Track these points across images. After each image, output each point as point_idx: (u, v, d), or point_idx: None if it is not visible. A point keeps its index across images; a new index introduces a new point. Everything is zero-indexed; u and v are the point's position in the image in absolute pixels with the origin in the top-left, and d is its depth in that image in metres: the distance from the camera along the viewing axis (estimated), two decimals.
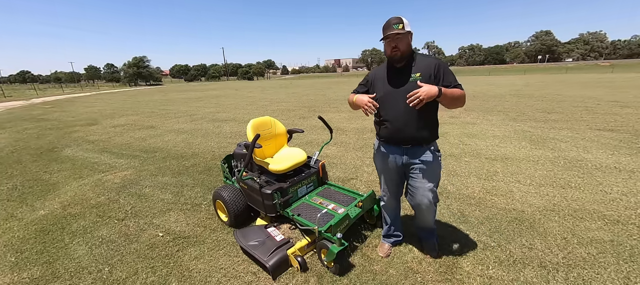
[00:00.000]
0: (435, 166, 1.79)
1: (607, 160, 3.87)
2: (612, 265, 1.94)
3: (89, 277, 2.06)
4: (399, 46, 1.62)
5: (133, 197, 3.35)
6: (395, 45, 1.63)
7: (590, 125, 5.91)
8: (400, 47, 1.63)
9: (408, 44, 1.66)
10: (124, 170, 4.30)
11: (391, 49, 1.64)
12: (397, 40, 1.62)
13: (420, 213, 1.95)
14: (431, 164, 1.77)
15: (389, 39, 1.63)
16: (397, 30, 1.59)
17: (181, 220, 2.78)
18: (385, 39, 1.65)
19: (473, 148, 4.64)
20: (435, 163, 1.79)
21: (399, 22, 1.60)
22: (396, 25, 1.60)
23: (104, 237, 2.55)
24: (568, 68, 49.65)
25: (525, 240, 2.23)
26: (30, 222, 2.89)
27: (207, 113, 10.12)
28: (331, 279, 1.92)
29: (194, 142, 5.88)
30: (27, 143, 6.45)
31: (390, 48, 1.65)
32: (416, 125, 1.69)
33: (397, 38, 1.62)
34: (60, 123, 9.25)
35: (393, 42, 1.62)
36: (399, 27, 1.59)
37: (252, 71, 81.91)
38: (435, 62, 1.67)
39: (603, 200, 2.80)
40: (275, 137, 2.76)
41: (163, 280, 2.00)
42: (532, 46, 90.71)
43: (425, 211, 1.89)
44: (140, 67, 58.70)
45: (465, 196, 3.00)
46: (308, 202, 2.44)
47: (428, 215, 1.94)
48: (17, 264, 2.25)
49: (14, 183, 3.99)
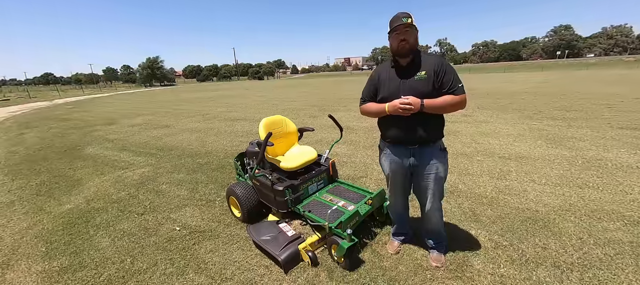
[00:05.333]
0: (442, 164, 1.78)
1: (629, 159, 3.72)
2: (630, 266, 1.89)
3: (113, 267, 2.18)
4: (407, 39, 1.60)
5: (151, 193, 3.50)
6: (403, 38, 1.60)
7: (611, 123, 5.67)
8: (408, 40, 1.60)
9: (416, 39, 1.65)
10: (142, 168, 4.49)
11: (399, 42, 1.61)
12: (405, 32, 1.59)
13: (427, 213, 1.93)
14: (437, 163, 1.76)
15: (397, 32, 1.61)
16: (406, 23, 1.58)
17: (196, 215, 2.89)
18: (393, 31, 1.62)
19: (486, 147, 4.56)
20: (441, 161, 1.77)
21: (408, 16, 1.59)
22: (405, 18, 1.58)
23: (125, 230, 2.69)
24: (589, 64, 47.47)
25: (539, 240, 2.20)
26: (58, 215, 3.08)
27: (219, 112, 10.35)
28: (341, 274, 1.96)
29: (208, 141, 6.04)
30: (52, 141, 6.82)
31: (398, 41, 1.62)
32: (423, 124, 1.67)
33: (405, 31, 1.59)
34: (81, 122, 9.70)
35: (402, 35, 1.60)
36: (408, 21, 1.58)
37: (263, 71, 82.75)
38: (439, 60, 1.65)
39: (623, 200, 2.71)
40: (286, 136, 2.82)
41: (181, 271, 2.10)
42: (550, 41, 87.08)
43: (431, 211, 1.89)
44: (154, 68, 60.42)
45: (477, 195, 2.97)
46: (318, 199, 2.49)
47: (434, 216, 1.92)
48: (47, 253, 2.41)
49: (42, 179, 4.24)
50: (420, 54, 1.69)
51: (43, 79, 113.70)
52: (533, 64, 62.24)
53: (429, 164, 1.76)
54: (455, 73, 1.64)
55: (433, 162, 1.76)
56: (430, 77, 1.62)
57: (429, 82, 1.62)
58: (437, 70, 1.61)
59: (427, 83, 1.62)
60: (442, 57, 1.70)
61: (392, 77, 1.72)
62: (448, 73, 1.62)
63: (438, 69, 1.61)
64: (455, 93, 1.61)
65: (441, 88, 1.63)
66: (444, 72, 1.61)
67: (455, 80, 1.62)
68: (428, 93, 1.61)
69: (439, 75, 1.61)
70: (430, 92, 1.62)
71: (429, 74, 1.62)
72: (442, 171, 1.79)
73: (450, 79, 1.61)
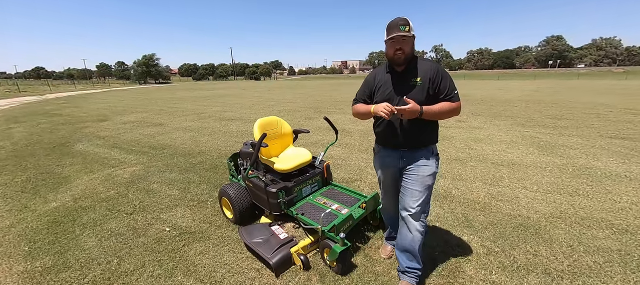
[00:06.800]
0: (429, 170, 1.72)
1: (617, 168, 3.79)
2: (618, 274, 1.91)
3: (98, 268, 2.12)
4: (403, 48, 1.57)
5: (141, 192, 3.43)
6: (399, 48, 1.57)
7: (601, 132, 5.79)
8: (405, 49, 1.57)
9: (412, 47, 1.62)
10: (133, 166, 4.40)
11: (394, 50, 1.59)
12: (402, 42, 1.56)
13: (403, 223, 1.78)
14: (425, 168, 1.71)
15: (393, 41, 1.57)
16: (404, 32, 1.53)
17: (187, 216, 2.84)
18: (389, 40, 1.59)
19: (479, 153, 4.60)
20: (429, 167, 1.72)
21: (406, 24, 1.54)
22: (403, 27, 1.53)
23: (113, 230, 2.62)
24: (580, 74, 48.64)
25: (530, 247, 2.21)
26: (43, 213, 2.98)
27: (214, 112, 10.25)
28: (333, 278, 1.93)
29: (201, 140, 5.97)
30: (41, 137, 6.65)
31: (394, 50, 1.59)
32: (415, 127, 1.66)
33: (402, 40, 1.56)
34: (72, 118, 9.49)
35: (398, 44, 1.57)
36: (406, 30, 1.53)
37: (259, 71, 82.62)
38: (435, 66, 1.63)
39: (611, 208, 2.76)
40: (281, 137, 2.79)
41: (169, 273, 2.05)
42: (542, 51, 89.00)
43: (409, 220, 1.73)
44: (149, 66, 59.79)
45: (470, 200, 2.99)
46: (312, 201, 2.47)
47: (412, 229, 1.73)
48: (30, 253, 2.33)
49: (27, 175, 4.12)
50: (417, 60, 1.66)
51: (34, 73, 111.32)
52: (526, 73, 63.48)
53: (416, 166, 1.73)
54: (451, 80, 1.62)
55: (420, 164, 1.72)
56: (425, 85, 1.60)
57: (423, 90, 1.61)
58: (432, 77, 1.60)
59: (422, 90, 1.61)
60: (437, 63, 1.67)
61: (387, 82, 1.70)
62: (444, 79, 1.60)
63: (434, 76, 1.60)
64: (451, 100, 1.61)
65: (438, 95, 1.61)
66: (440, 78, 1.60)
67: (451, 87, 1.61)
68: (421, 101, 1.59)
69: (435, 82, 1.60)
70: (424, 100, 1.60)
71: (424, 81, 1.60)
72: (428, 175, 1.71)
73: (446, 85, 1.60)
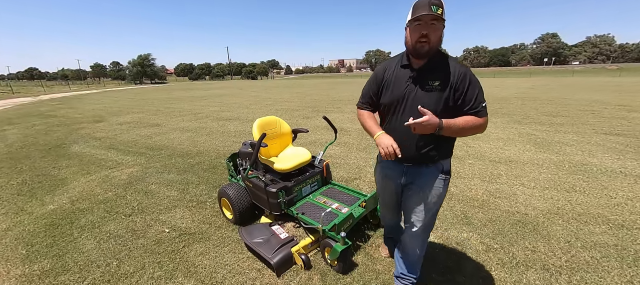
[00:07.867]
0: (435, 193, 1.44)
1: (613, 164, 3.84)
2: (615, 269, 1.94)
3: (98, 270, 2.10)
4: (430, 36, 1.22)
5: (139, 194, 3.41)
6: (425, 34, 1.22)
7: (596, 129, 5.86)
8: (431, 37, 1.22)
9: (440, 38, 1.26)
10: (130, 167, 4.37)
11: (419, 37, 1.23)
12: (430, 26, 1.21)
13: (405, 233, 1.65)
14: (429, 192, 1.44)
15: (420, 23, 1.22)
16: (436, 14, 1.17)
17: (187, 217, 2.83)
18: (415, 21, 1.23)
19: (477, 150, 4.63)
20: (435, 189, 1.44)
21: (439, 5, 1.18)
22: (436, 7, 1.17)
23: (112, 232, 2.60)
24: (575, 71, 49.13)
25: (529, 243, 2.23)
26: (40, 216, 2.95)
27: (211, 112, 10.20)
28: (334, 277, 1.94)
29: (199, 141, 5.94)
30: (36, 139, 6.57)
31: (418, 35, 1.23)
32: (420, 141, 1.35)
33: (431, 24, 1.21)
34: (67, 120, 9.39)
35: (425, 28, 1.21)
36: (438, 12, 1.17)
37: (256, 71, 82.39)
38: (463, 70, 1.28)
39: (608, 204, 2.79)
40: (280, 137, 2.79)
41: (169, 275, 2.04)
42: (538, 49, 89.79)
43: (411, 234, 1.57)
44: (145, 66, 59.33)
45: (468, 198, 3.01)
46: (312, 201, 2.47)
47: (414, 243, 1.61)
48: (28, 256, 2.30)
49: (23, 178, 4.07)
50: (443, 58, 1.32)
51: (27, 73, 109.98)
52: (521, 70, 63.96)
53: (419, 187, 1.46)
54: (480, 89, 1.30)
55: (424, 185, 1.45)
56: (444, 91, 1.28)
57: (441, 97, 1.29)
58: (456, 83, 1.27)
59: (439, 97, 1.29)
60: (466, 67, 1.32)
61: (399, 80, 1.38)
62: (472, 88, 1.27)
63: (458, 82, 1.27)
64: (478, 114, 1.29)
65: (461, 106, 1.30)
66: (468, 84, 1.27)
67: (479, 98, 1.28)
68: (436, 111, 1.26)
69: (460, 90, 1.27)
70: (441, 110, 1.28)
71: (443, 83, 1.28)
72: (433, 201, 1.46)
73: (474, 95, 1.28)
